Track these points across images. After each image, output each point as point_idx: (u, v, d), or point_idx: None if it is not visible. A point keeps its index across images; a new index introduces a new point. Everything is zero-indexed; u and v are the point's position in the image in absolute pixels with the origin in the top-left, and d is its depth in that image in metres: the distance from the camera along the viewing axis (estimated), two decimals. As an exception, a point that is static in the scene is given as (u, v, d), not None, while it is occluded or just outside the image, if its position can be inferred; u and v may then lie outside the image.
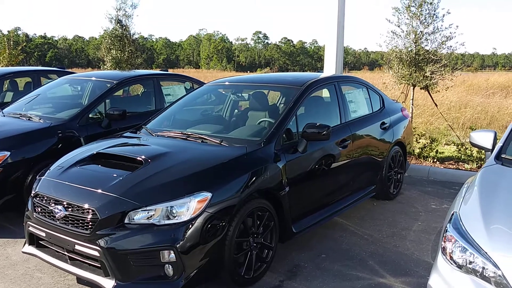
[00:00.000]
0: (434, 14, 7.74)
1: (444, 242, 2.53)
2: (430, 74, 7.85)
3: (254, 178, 3.56)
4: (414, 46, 7.93)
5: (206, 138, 4.01)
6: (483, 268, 2.30)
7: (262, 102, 4.96)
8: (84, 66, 78.79)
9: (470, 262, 2.35)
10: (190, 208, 3.14)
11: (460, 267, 2.38)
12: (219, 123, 4.88)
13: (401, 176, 5.94)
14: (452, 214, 2.68)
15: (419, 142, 7.93)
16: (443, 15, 7.73)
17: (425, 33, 7.88)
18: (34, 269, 3.88)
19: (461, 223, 2.54)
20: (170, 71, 9.71)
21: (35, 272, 3.83)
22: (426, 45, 7.93)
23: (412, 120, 8.46)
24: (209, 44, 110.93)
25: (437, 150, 7.67)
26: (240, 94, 5.39)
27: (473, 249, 2.36)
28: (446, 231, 2.56)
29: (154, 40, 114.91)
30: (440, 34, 7.82)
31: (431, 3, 7.67)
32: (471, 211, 2.63)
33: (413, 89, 8.38)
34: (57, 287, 3.57)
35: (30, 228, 3.58)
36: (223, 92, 5.48)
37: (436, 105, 8.83)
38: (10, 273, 3.81)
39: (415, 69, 7.94)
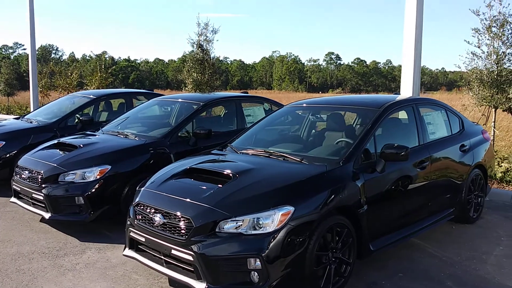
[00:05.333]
0: (517, 34, 7.56)
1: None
2: (514, 96, 7.62)
3: (333, 195, 3.75)
4: (496, 67, 7.76)
5: (287, 156, 4.28)
6: None
7: (339, 123, 5.16)
8: (164, 88, 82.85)
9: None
10: (274, 220, 3.40)
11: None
12: (298, 143, 5.13)
13: (481, 199, 5.83)
14: None
15: (501, 166, 7.66)
16: (528, 35, 7.53)
17: (508, 53, 7.70)
18: (131, 271, 4.31)
19: None
20: (244, 92, 10.15)
21: (132, 274, 4.26)
22: (509, 66, 7.74)
23: (493, 143, 8.22)
24: (281, 66, 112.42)
25: (521, 175, 7.38)
26: (318, 115, 5.62)
27: None
28: None
29: (229, 62, 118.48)
30: (524, 55, 7.62)
31: (514, 23, 7.51)
32: None
33: (495, 111, 8.16)
34: (152, 288, 3.96)
35: (131, 234, 4.01)
36: (301, 114, 5.74)
37: (520, 127, 8.50)
38: (111, 274, 4.26)
39: (496, 91, 7.75)
